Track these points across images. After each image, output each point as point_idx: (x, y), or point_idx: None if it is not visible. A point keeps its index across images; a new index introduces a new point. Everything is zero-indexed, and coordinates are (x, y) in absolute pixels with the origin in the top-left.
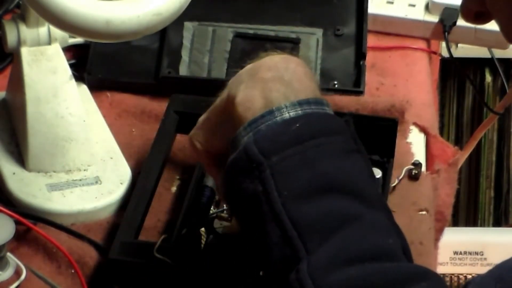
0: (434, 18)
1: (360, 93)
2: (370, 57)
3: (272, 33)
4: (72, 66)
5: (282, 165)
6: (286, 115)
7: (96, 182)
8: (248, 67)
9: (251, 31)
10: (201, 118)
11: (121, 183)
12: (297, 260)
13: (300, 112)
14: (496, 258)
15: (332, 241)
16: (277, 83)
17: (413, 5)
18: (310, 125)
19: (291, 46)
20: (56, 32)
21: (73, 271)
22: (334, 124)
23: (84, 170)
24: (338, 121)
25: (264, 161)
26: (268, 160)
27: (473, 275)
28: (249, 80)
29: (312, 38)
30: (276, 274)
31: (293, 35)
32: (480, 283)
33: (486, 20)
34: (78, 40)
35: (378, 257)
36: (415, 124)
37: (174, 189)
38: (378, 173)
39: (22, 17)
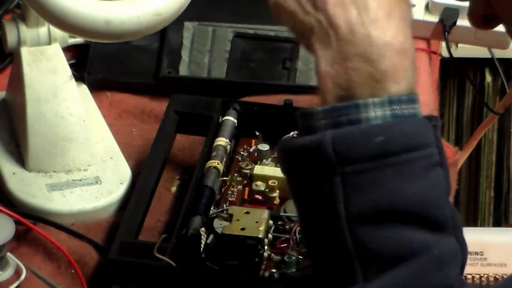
0: (434, 18)
1: None
2: None
3: (272, 33)
4: (72, 66)
5: (355, 177)
6: (372, 115)
7: (96, 182)
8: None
9: (251, 31)
10: None
11: (121, 183)
12: (351, 281)
13: (388, 113)
14: (496, 258)
15: (392, 273)
16: (367, 65)
17: (413, 5)
18: (394, 140)
19: (291, 46)
20: (56, 32)
21: (73, 271)
22: (421, 136)
23: (84, 170)
24: (427, 130)
25: (337, 167)
26: (341, 167)
27: (473, 275)
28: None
29: None
30: (324, 278)
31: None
32: None
33: (495, 24)
34: (78, 40)
35: None
36: None
37: (174, 189)
38: None
39: (22, 17)
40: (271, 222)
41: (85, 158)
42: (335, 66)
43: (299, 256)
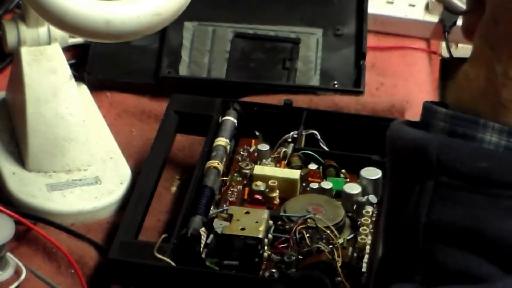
0: (434, 18)
1: (360, 93)
2: (370, 57)
3: (272, 33)
4: (72, 66)
5: (447, 190)
6: (487, 138)
7: (96, 182)
8: None
9: (251, 31)
10: None
11: (121, 183)
12: (409, 278)
13: (503, 142)
14: None
15: (449, 287)
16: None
17: (413, 5)
18: (498, 172)
19: (291, 46)
20: (56, 32)
21: (73, 271)
22: None
23: (84, 170)
24: None
25: (435, 172)
26: (438, 175)
27: None
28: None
29: (312, 38)
30: (388, 263)
31: (293, 35)
32: None
33: None
34: (78, 40)
35: None
36: None
37: (174, 189)
38: (378, 173)
39: (22, 17)
40: (271, 222)
41: (85, 158)
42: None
43: (299, 256)
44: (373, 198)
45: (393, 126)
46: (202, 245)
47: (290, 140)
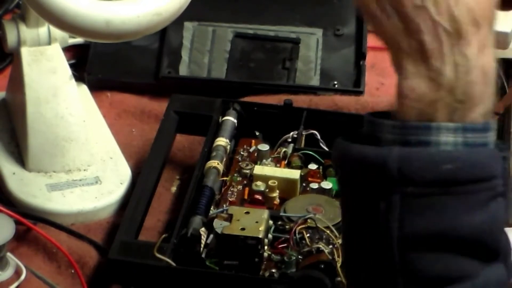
0: None
1: (360, 93)
2: (370, 57)
3: (272, 33)
4: (72, 66)
5: (415, 199)
6: (443, 139)
7: (96, 182)
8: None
9: (251, 31)
10: None
11: (121, 183)
12: None
13: (459, 140)
14: None
15: None
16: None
17: None
18: (463, 170)
19: (291, 46)
20: (56, 32)
21: (73, 271)
22: (489, 167)
23: (84, 170)
24: (496, 161)
25: (399, 186)
26: (403, 187)
27: None
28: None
29: (312, 38)
30: (352, 280)
31: (293, 35)
32: None
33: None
34: (78, 40)
35: None
36: None
37: (174, 189)
38: None
39: (22, 17)
40: (271, 222)
41: (85, 158)
42: (422, 84)
43: (299, 256)
44: None
45: (338, 145)
46: (202, 245)
47: (290, 140)
